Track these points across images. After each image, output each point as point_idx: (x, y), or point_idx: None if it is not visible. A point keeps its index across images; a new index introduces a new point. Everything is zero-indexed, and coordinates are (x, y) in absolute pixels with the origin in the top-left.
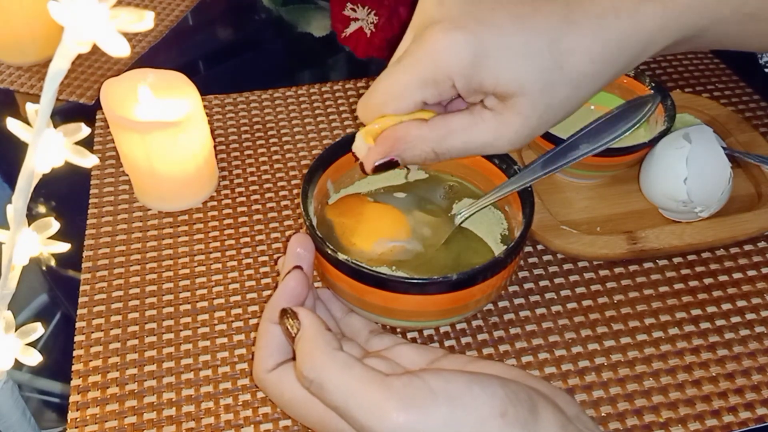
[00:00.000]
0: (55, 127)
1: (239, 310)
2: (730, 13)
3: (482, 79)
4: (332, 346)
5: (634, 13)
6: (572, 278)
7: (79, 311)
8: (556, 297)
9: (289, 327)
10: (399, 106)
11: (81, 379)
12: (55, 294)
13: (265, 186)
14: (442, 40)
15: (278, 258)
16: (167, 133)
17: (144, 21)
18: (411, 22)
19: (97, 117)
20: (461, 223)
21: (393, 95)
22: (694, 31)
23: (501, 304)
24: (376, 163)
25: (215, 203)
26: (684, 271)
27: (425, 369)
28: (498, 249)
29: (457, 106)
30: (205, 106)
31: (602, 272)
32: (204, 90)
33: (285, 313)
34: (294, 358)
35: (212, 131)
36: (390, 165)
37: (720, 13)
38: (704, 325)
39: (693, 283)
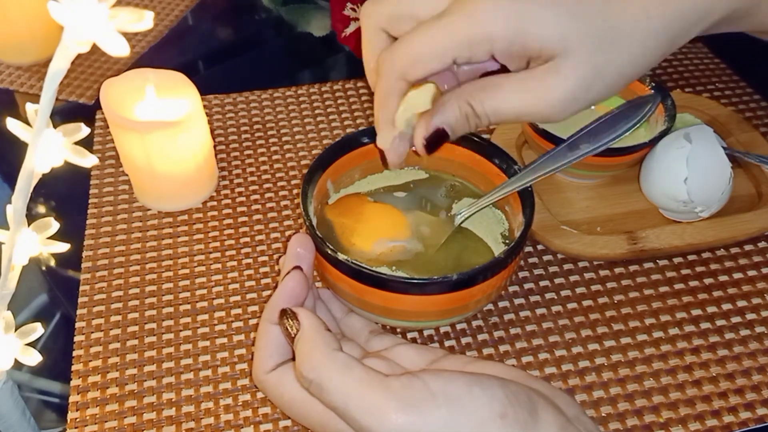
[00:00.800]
0: (55, 127)
1: (239, 310)
2: None
3: (526, 41)
4: (332, 346)
5: None
6: (572, 278)
7: (78, 311)
8: (556, 297)
9: (288, 327)
10: (427, 66)
11: (81, 379)
12: (54, 294)
13: (265, 186)
14: (483, 4)
15: (279, 258)
16: (167, 133)
17: (143, 21)
18: None
19: (96, 117)
20: (461, 223)
21: (425, 52)
22: (749, 3)
23: (501, 304)
24: (425, 141)
25: (215, 203)
26: (684, 271)
27: (425, 370)
28: (498, 249)
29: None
30: (204, 106)
31: (602, 272)
32: (204, 90)
33: (284, 313)
34: (293, 359)
35: (212, 131)
36: (439, 137)
37: None
38: (704, 325)
39: (693, 283)
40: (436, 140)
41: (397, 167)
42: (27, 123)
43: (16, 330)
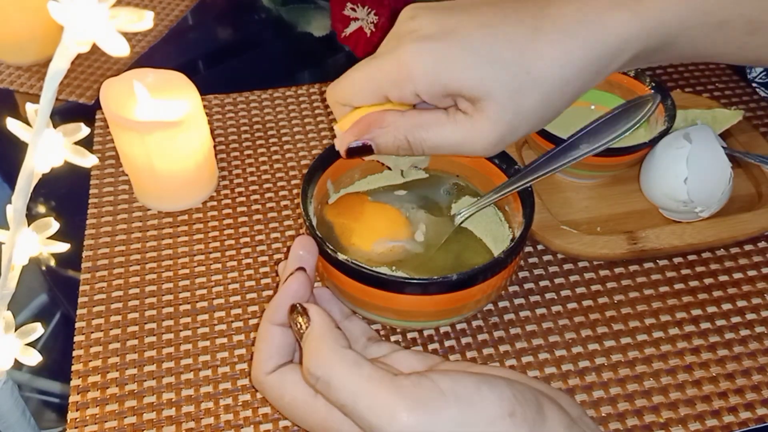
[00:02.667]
0: (55, 127)
1: (239, 310)
2: (700, 21)
3: (446, 83)
4: (340, 344)
5: (600, 20)
6: (572, 278)
7: (78, 311)
8: (556, 297)
9: (298, 323)
10: (363, 98)
11: (81, 379)
12: (54, 294)
13: (265, 186)
14: (408, 47)
15: (278, 261)
16: (167, 133)
17: (143, 21)
18: (387, 35)
19: (96, 117)
20: (461, 223)
21: (358, 88)
22: (664, 39)
23: (501, 304)
24: (350, 146)
25: (215, 203)
26: (684, 271)
27: (432, 370)
28: (498, 249)
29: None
30: (204, 106)
31: (602, 272)
32: (204, 90)
33: (294, 309)
34: (292, 361)
35: (212, 131)
36: (364, 150)
37: (689, 20)
38: (704, 325)
39: (693, 283)
40: (359, 151)
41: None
42: (27, 123)
43: (16, 330)
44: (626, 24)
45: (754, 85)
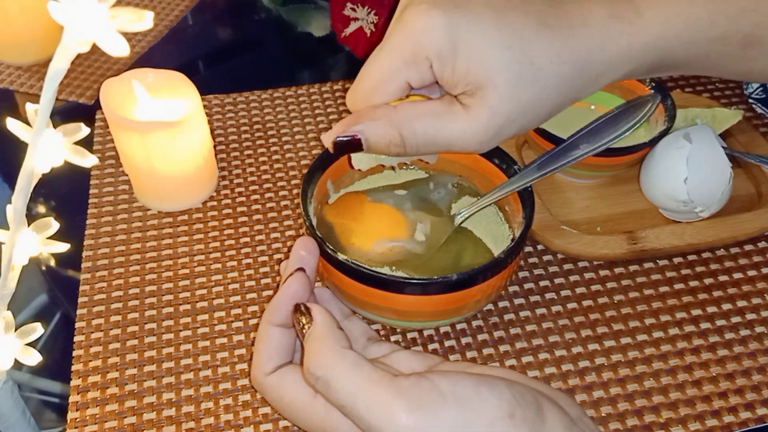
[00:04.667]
0: (55, 127)
1: (239, 310)
2: (697, 36)
3: (455, 64)
4: (341, 344)
5: (603, 28)
6: (572, 278)
7: (78, 311)
8: (556, 297)
9: (300, 323)
10: (387, 90)
11: (81, 379)
12: (54, 294)
13: (265, 186)
14: (420, 20)
15: (279, 260)
16: (167, 133)
17: (143, 21)
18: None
19: (96, 117)
20: (461, 223)
21: (380, 80)
22: (661, 53)
23: (501, 304)
24: (337, 138)
25: (215, 203)
26: (684, 271)
27: (431, 371)
28: (498, 249)
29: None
30: (204, 106)
31: (602, 272)
32: (204, 90)
33: (298, 308)
34: (292, 362)
35: (212, 131)
36: (352, 145)
37: (687, 35)
38: (704, 325)
39: (693, 283)
40: (348, 146)
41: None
42: (27, 123)
43: (16, 330)
44: (625, 35)
45: (750, 101)
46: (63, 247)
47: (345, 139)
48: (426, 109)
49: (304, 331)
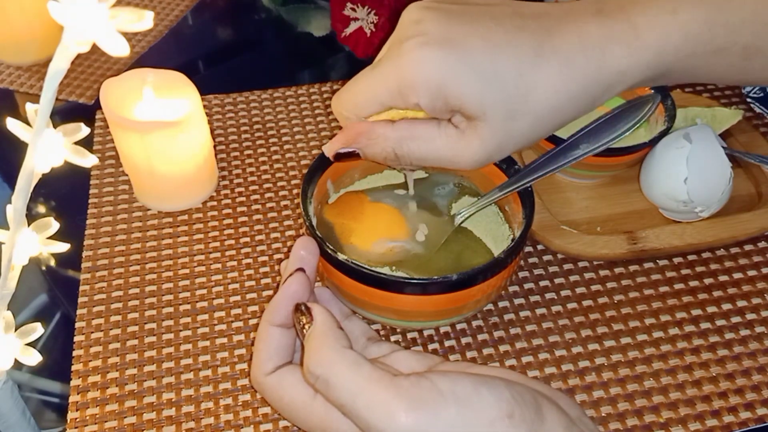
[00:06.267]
0: (55, 127)
1: (239, 310)
2: (697, 49)
3: (447, 98)
4: (341, 343)
5: (600, 54)
6: (572, 278)
7: (78, 311)
8: (556, 297)
9: (301, 322)
10: (370, 109)
11: (81, 379)
12: (54, 294)
13: (265, 186)
14: (413, 54)
15: (280, 260)
16: (167, 133)
17: (143, 21)
18: (390, 37)
19: (96, 117)
20: (461, 223)
21: (363, 100)
22: (661, 69)
23: (501, 304)
24: (338, 151)
25: (215, 203)
26: (684, 271)
27: (431, 370)
28: (498, 249)
29: None
30: (204, 106)
31: (602, 272)
32: (204, 90)
33: (298, 308)
34: (292, 362)
35: (212, 131)
36: (351, 156)
37: (687, 50)
38: (704, 325)
39: (693, 283)
40: (348, 156)
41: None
42: (27, 123)
43: (16, 330)
44: (624, 58)
45: (748, 100)
46: (63, 247)
47: (345, 151)
48: (419, 131)
49: (304, 330)
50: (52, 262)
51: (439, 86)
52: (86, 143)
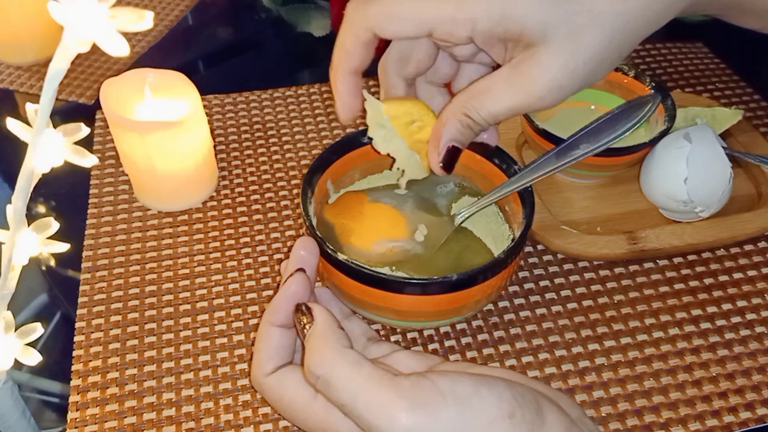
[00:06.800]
0: (55, 126)
1: (239, 310)
2: None
3: (508, 25)
4: (342, 343)
5: None
6: (572, 278)
7: (78, 311)
8: (556, 297)
9: (302, 322)
10: (404, 25)
11: (81, 379)
12: (54, 294)
13: (265, 186)
14: None
15: (280, 260)
16: (167, 133)
17: (143, 21)
18: None
19: (96, 117)
20: (461, 223)
21: (406, 14)
22: None
23: (501, 304)
24: (441, 162)
25: (215, 203)
26: (684, 271)
27: (431, 370)
28: (498, 249)
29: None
30: (204, 106)
31: (602, 272)
32: (204, 90)
33: (299, 308)
34: (292, 362)
35: (212, 131)
36: (452, 154)
37: None
38: (704, 325)
39: (693, 283)
40: (451, 158)
41: (346, 121)
42: (27, 123)
43: (16, 330)
44: None
45: None
46: (63, 247)
47: (444, 156)
48: (481, 87)
49: (305, 330)
50: (52, 262)
51: (500, 17)
52: (86, 143)
